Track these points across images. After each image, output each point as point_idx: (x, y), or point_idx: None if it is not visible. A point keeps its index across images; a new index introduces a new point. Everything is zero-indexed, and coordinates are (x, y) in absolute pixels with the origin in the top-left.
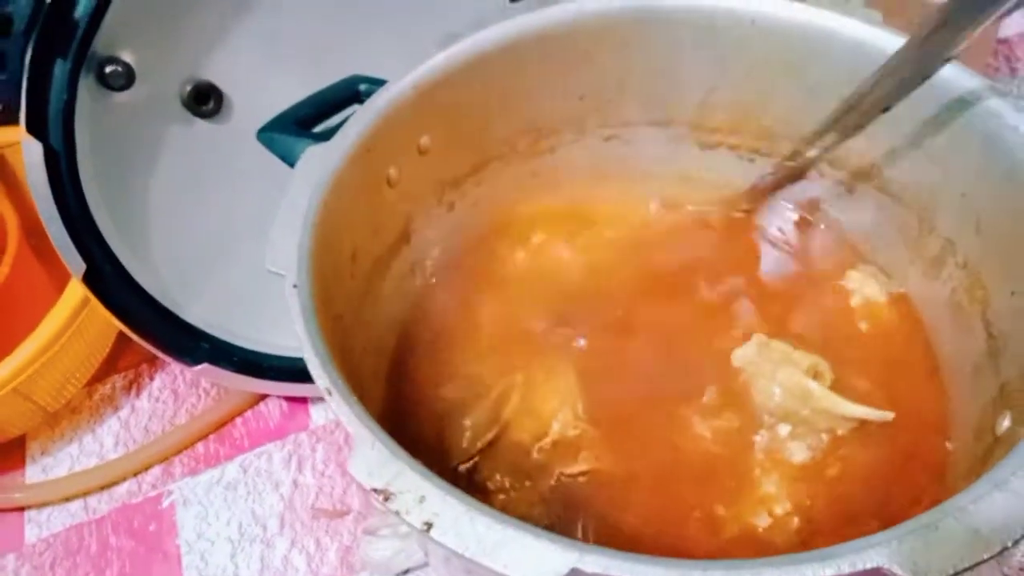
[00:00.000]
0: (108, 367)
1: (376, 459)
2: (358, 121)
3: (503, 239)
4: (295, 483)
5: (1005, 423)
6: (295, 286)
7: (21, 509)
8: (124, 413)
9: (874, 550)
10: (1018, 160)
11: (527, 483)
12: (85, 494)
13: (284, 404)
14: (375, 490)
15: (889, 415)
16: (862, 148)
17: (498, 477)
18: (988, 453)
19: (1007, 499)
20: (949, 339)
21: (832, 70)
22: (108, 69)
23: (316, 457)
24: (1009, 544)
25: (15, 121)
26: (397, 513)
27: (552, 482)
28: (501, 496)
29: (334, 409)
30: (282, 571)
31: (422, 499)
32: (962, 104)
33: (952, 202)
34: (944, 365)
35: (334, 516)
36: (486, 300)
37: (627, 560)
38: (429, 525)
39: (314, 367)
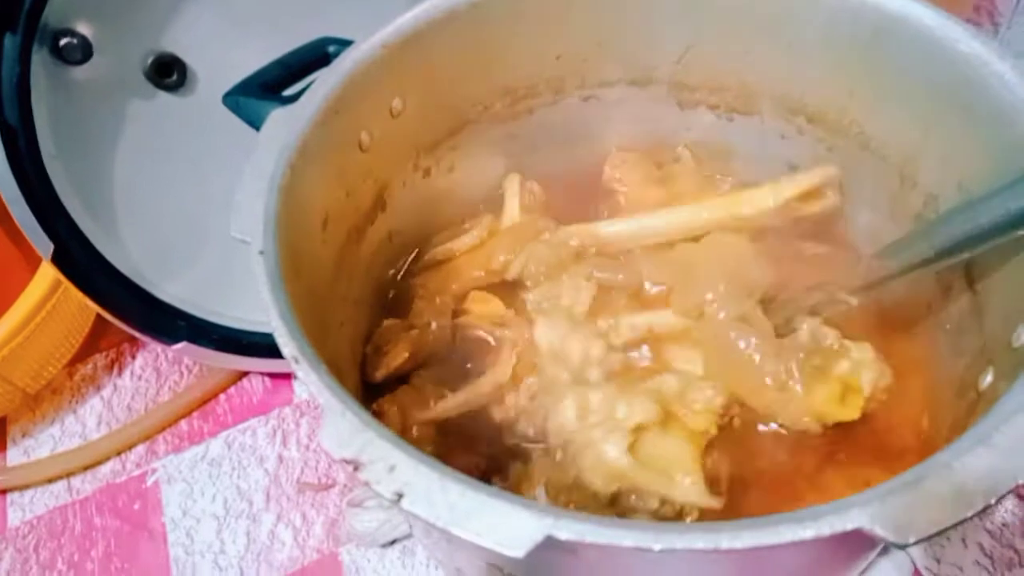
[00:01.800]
0: (89, 347)
1: (346, 429)
2: (325, 82)
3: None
4: (280, 458)
5: (987, 379)
6: (261, 252)
7: (3, 492)
8: (106, 392)
9: (855, 510)
10: (1002, 107)
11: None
12: (68, 475)
13: (267, 379)
14: (345, 460)
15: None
16: (843, 104)
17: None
18: (971, 409)
19: (990, 455)
20: (931, 296)
21: (811, 26)
22: (63, 42)
23: (300, 431)
24: (992, 501)
25: None
26: (367, 483)
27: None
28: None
29: (301, 377)
30: (268, 545)
31: (392, 468)
32: (947, 52)
33: (934, 156)
34: (925, 321)
35: (319, 489)
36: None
37: (602, 525)
38: (400, 495)
39: (280, 334)
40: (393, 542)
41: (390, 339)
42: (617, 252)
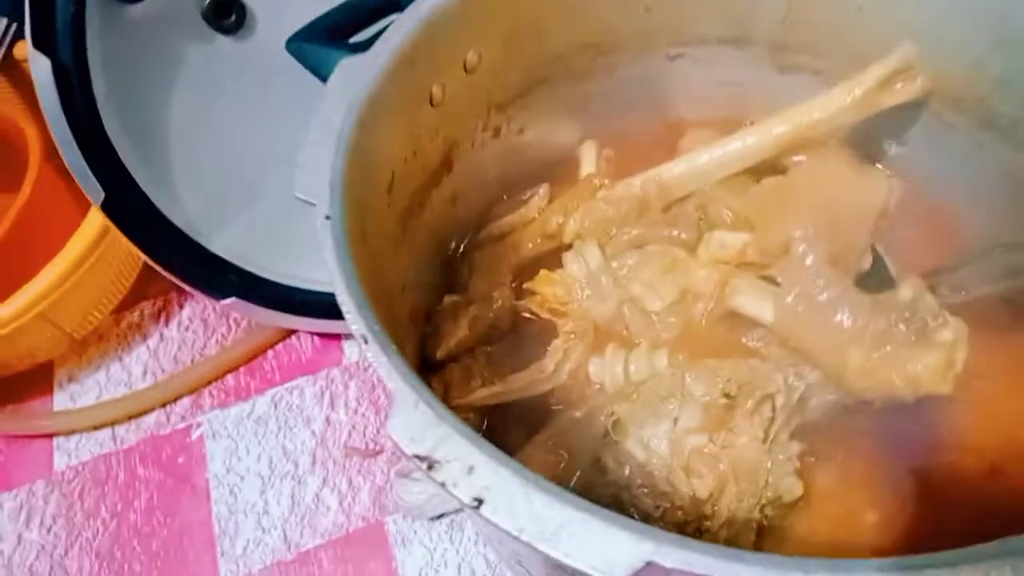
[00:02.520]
0: (136, 294)
1: (419, 421)
2: (399, 29)
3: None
4: (327, 420)
5: None
6: (327, 217)
7: (49, 436)
8: (153, 342)
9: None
10: None
11: None
12: (113, 423)
13: (316, 338)
14: (418, 456)
15: None
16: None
17: None
18: None
19: None
20: None
21: None
22: None
23: (349, 394)
24: None
25: None
26: (443, 485)
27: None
28: None
29: (371, 360)
30: (313, 509)
31: (471, 469)
32: None
33: None
34: None
35: (367, 455)
36: None
37: (711, 555)
38: (479, 501)
39: (349, 311)
40: (441, 515)
41: (449, 316)
42: (688, 196)
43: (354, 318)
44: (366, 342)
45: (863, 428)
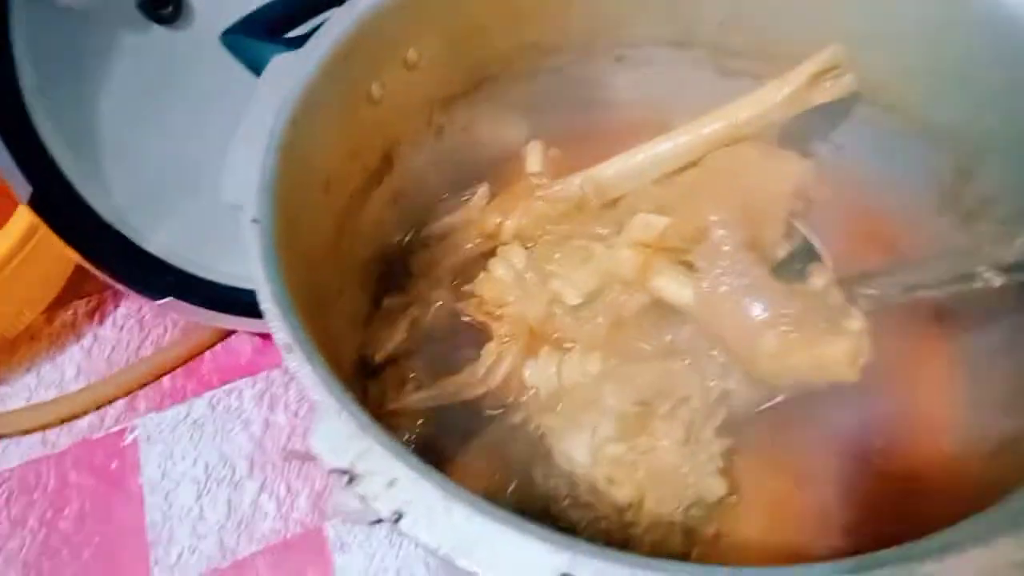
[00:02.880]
0: (70, 291)
1: (342, 432)
2: (336, 25)
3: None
4: (266, 423)
5: None
6: (255, 220)
7: None
8: (86, 342)
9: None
10: None
11: None
12: (44, 427)
13: (257, 339)
14: (339, 470)
15: None
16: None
17: None
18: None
19: None
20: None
21: None
22: None
23: (289, 396)
24: None
25: None
26: (363, 498)
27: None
28: None
29: (293, 369)
30: (250, 515)
31: (392, 483)
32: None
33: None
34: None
35: (307, 459)
36: None
37: (629, 564)
38: (399, 515)
39: (272, 318)
40: (380, 520)
41: (388, 318)
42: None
43: (278, 326)
44: (289, 351)
45: (788, 419)
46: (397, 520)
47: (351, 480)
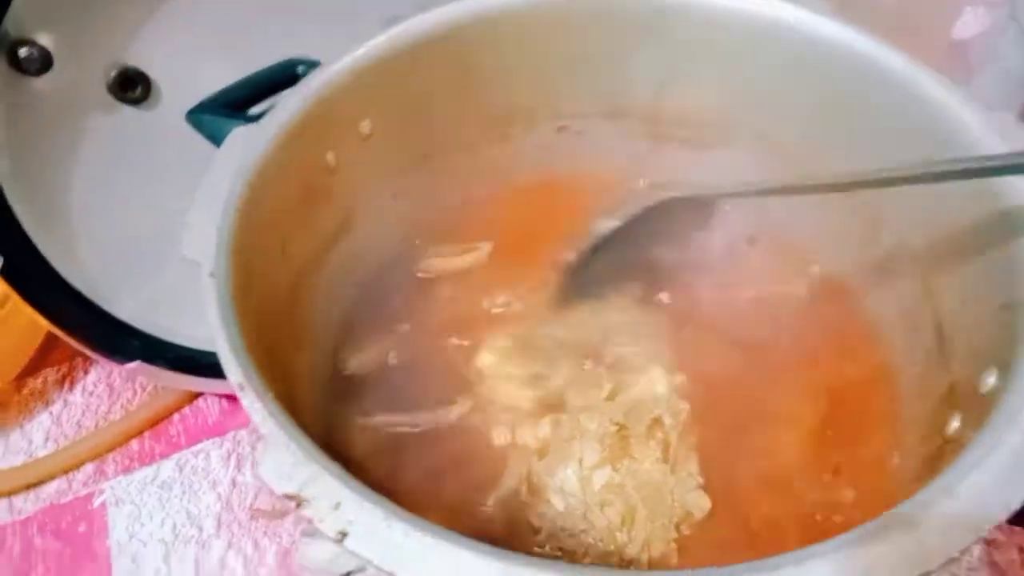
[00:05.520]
0: (39, 360)
1: (289, 460)
2: (290, 101)
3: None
4: (233, 482)
5: (954, 424)
6: (211, 274)
7: None
8: (56, 408)
9: (814, 561)
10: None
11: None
12: (10, 493)
13: (224, 400)
14: (287, 495)
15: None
16: (814, 139)
17: None
18: (937, 455)
19: (954, 506)
20: (898, 338)
21: (782, 60)
22: (22, 52)
23: (256, 455)
24: (956, 554)
25: None
26: (310, 521)
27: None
28: None
29: (246, 406)
30: (218, 573)
31: (337, 505)
32: (915, 98)
33: (901, 200)
34: (891, 364)
35: (273, 517)
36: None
37: (562, 571)
38: (343, 534)
39: (227, 360)
40: (348, 574)
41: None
42: None
43: (232, 368)
44: (242, 389)
45: None
46: (342, 539)
47: (299, 504)
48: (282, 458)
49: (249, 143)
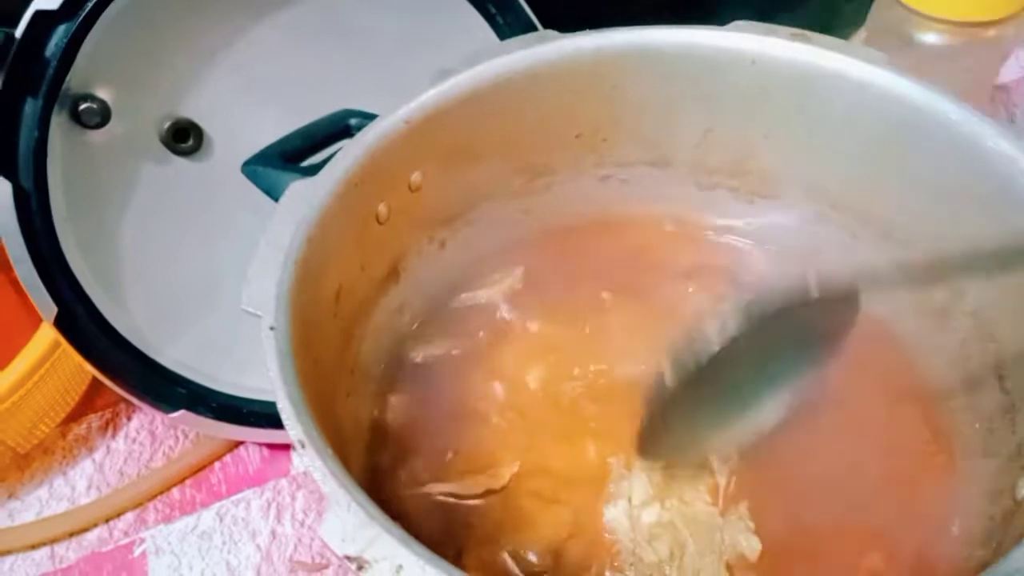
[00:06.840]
0: (84, 406)
1: (351, 522)
2: (347, 155)
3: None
4: (273, 533)
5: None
6: (272, 328)
7: None
8: (99, 455)
9: None
10: None
11: None
12: (52, 541)
13: (264, 449)
14: (348, 557)
15: None
16: (867, 192)
17: None
18: (1007, 519)
19: None
20: (958, 393)
21: (834, 111)
22: (82, 107)
23: (296, 506)
24: None
25: None
26: None
27: None
28: None
29: (307, 464)
30: None
31: (399, 569)
32: (972, 148)
33: (959, 249)
34: (951, 420)
35: (312, 570)
36: None
37: None
38: None
39: (288, 416)
40: None
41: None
42: None
43: (292, 424)
44: (303, 447)
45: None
46: None
47: (360, 567)
48: (344, 519)
49: (307, 196)
